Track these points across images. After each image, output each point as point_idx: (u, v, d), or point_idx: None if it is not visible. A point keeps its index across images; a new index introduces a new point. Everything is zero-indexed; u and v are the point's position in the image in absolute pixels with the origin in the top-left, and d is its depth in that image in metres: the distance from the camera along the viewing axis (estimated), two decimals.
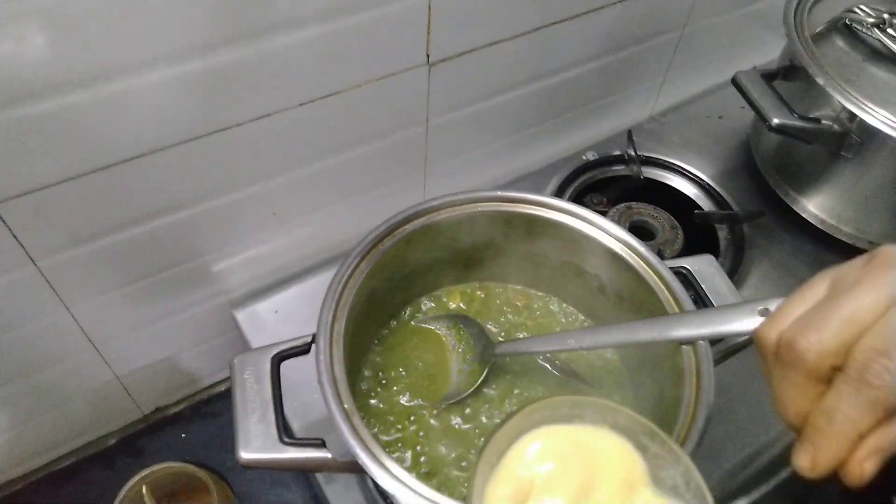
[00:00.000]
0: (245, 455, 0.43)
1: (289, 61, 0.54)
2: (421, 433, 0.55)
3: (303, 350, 0.49)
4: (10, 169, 0.47)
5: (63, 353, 0.62)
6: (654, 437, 0.34)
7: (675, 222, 0.78)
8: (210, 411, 0.78)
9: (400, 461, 0.46)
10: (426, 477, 0.52)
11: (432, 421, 0.55)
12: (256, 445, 0.44)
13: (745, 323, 0.39)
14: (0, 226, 0.50)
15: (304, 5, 0.52)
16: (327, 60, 0.56)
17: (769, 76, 0.74)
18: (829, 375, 0.30)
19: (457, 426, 0.55)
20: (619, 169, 0.86)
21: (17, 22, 0.41)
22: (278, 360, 0.48)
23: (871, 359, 0.28)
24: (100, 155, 0.51)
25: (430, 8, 0.58)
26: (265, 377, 0.47)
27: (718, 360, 0.50)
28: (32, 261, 0.54)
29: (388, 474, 0.41)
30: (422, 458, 0.53)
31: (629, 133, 0.86)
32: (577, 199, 0.82)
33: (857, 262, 0.32)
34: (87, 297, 0.59)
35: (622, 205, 0.80)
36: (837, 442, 0.30)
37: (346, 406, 0.44)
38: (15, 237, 0.51)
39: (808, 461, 0.31)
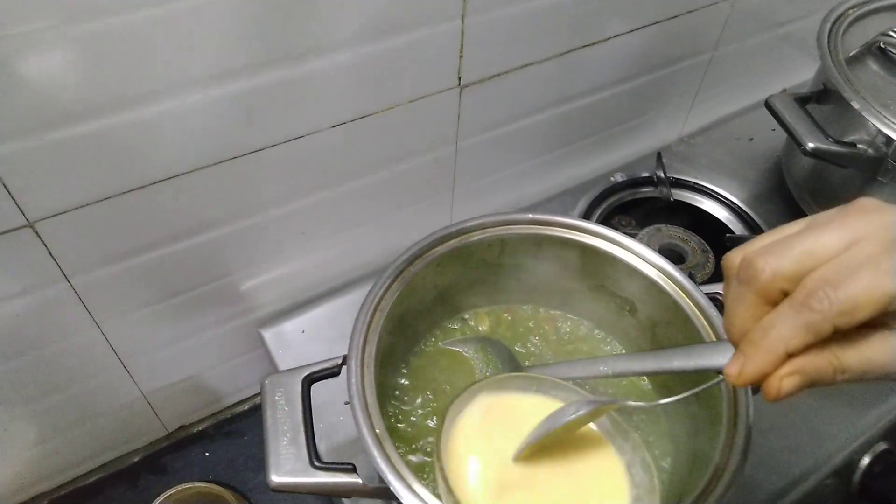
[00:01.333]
0: (276, 478, 0.43)
1: (323, 84, 0.55)
2: None
3: (333, 372, 0.49)
4: (48, 188, 0.48)
5: (92, 370, 0.63)
6: None
7: (706, 245, 0.77)
8: (233, 430, 0.78)
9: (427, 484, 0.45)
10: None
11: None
12: (287, 469, 0.43)
13: None
14: (37, 243, 0.50)
15: (339, 29, 0.52)
16: (360, 83, 0.57)
17: (802, 100, 0.73)
18: (778, 300, 0.32)
19: None
20: (648, 191, 0.85)
21: (54, 47, 0.42)
22: (309, 381, 0.48)
23: (818, 286, 0.30)
24: (135, 175, 0.51)
25: (463, 33, 0.58)
26: (296, 399, 0.46)
27: (754, 389, 0.49)
28: (66, 278, 0.54)
29: (421, 502, 0.40)
30: None
31: (658, 155, 0.85)
32: (606, 220, 0.82)
33: (836, 208, 0.33)
34: (117, 315, 0.60)
35: (651, 227, 0.79)
36: (765, 355, 0.31)
37: (377, 430, 0.44)
38: (51, 254, 0.52)
39: (736, 369, 0.33)
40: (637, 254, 0.55)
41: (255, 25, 0.48)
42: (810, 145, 0.68)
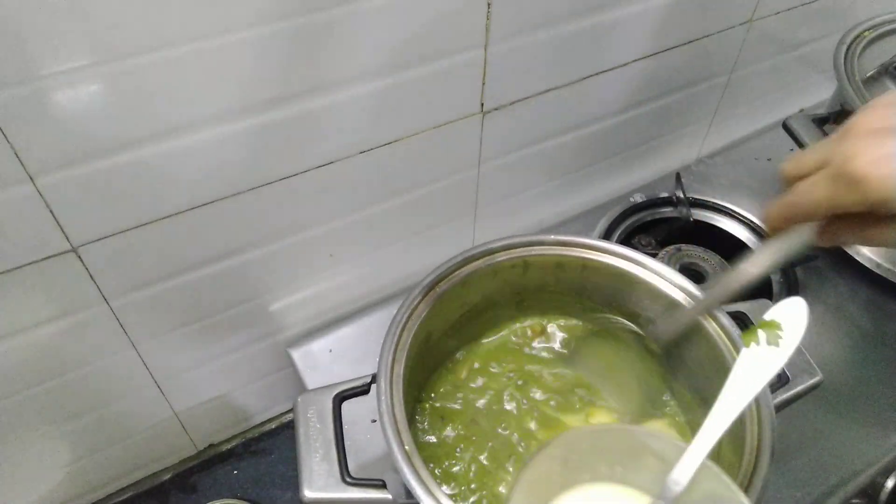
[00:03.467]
0: (309, 494, 0.44)
1: (350, 113, 0.57)
2: (472, 471, 0.55)
3: (363, 390, 0.50)
4: (90, 215, 0.50)
5: (128, 390, 0.64)
6: None
7: (726, 265, 0.78)
8: (260, 448, 0.79)
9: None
10: None
11: (483, 460, 0.56)
12: (320, 484, 0.44)
13: None
14: (79, 267, 0.53)
15: (365, 61, 0.54)
16: (386, 111, 0.59)
17: (820, 121, 0.74)
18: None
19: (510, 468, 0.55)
20: (667, 211, 0.86)
21: (93, 84, 0.44)
22: (340, 399, 0.49)
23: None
24: (170, 202, 0.54)
25: (485, 61, 0.60)
26: (328, 417, 0.48)
27: (776, 409, 0.49)
28: (106, 300, 0.56)
29: None
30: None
31: (678, 175, 0.86)
32: (626, 240, 0.83)
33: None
34: (152, 336, 0.62)
35: (672, 247, 0.80)
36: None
37: (406, 448, 0.45)
38: (92, 278, 0.54)
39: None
40: (659, 274, 0.56)
41: (285, 59, 0.50)
42: None
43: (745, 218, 0.85)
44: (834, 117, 0.76)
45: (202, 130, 0.51)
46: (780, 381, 0.52)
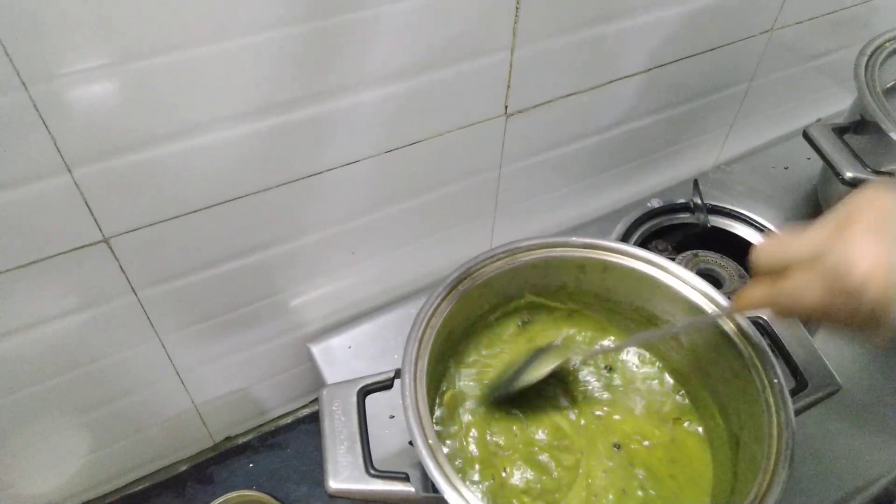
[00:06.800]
0: (334, 485, 0.45)
1: (377, 112, 0.58)
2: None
3: (386, 385, 0.51)
4: (122, 207, 0.51)
5: (150, 380, 0.65)
6: None
7: (743, 271, 0.78)
8: (276, 442, 0.80)
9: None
10: None
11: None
12: (345, 476, 0.45)
13: None
14: (110, 258, 0.53)
15: (392, 62, 0.55)
16: (411, 111, 0.60)
17: (840, 130, 0.74)
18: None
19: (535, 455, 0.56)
20: (684, 216, 0.87)
21: (117, 82, 0.45)
22: (364, 393, 0.50)
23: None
24: (199, 197, 0.55)
25: (511, 65, 0.61)
26: (352, 410, 0.48)
27: (795, 414, 0.50)
28: (134, 291, 0.57)
29: None
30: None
31: (695, 182, 0.87)
32: (643, 245, 0.83)
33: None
34: (177, 328, 0.63)
35: (689, 252, 0.80)
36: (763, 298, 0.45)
37: (430, 441, 0.45)
38: (122, 268, 0.55)
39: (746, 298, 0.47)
40: (680, 278, 0.57)
41: (308, 61, 0.51)
42: (848, 175, 0.69)
43: (762, 225, 0.85)
44: (853, 127, 0.76)
45: (225, 128, 0.51)
46: (799, 386, 0.53)
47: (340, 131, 0.57)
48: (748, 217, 0.86)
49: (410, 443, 0.46)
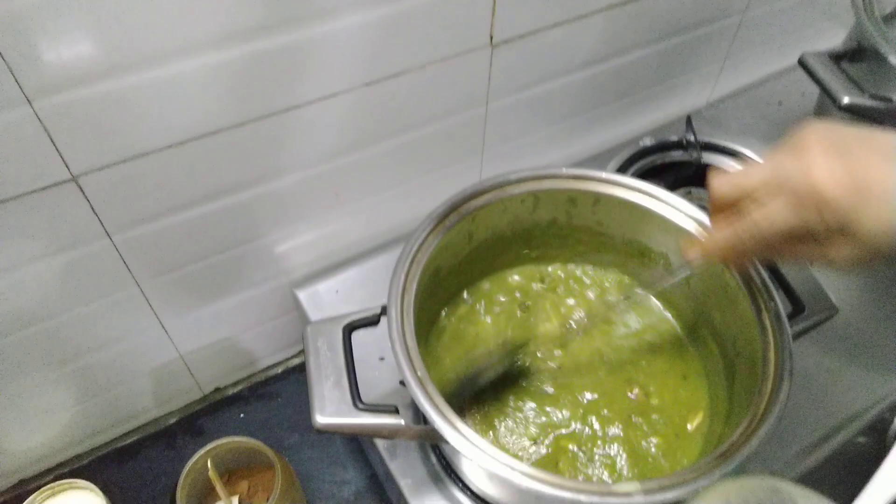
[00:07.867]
0: (321, 419, 0.44)
1: (353, 41, 0.55)
2: None
3: (372, 321, 0.50)
4: (89, 144, 0.49)
5: (132, 329, 0.64)
6: None
7: None
8: (267, 392, 0.79)
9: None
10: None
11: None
12: (332, 410, 0.44)
13: None
14: (80, 198, 0.51)
15: None
16: (392, 40, 0.57)
17: (836, 57, 0.72)
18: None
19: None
20: (677, 155, 0.85)
21: (65, 16, 0.42)
22: (349, 329, 0.48)
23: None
24: (169, 133, 0.52)
25: None
26: (338, 345, 0.47)
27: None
28: (108, 234, 0.55)
29: (464, 439, 0.41)
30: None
31: (688, 118, 0.85)
32: None
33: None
34: (156, 274, 0.61)
35: (681, 190, 0.79)
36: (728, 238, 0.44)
37: (419, 373, 0.44)
38: (93, 210, 0.53)
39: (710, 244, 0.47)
40: (672, 205, 0.55)
41: None
42: (846, 100, 0.67)
43: (756, 161, 0.84)
44: (850, 55, 0.74)
45: (193, 57, 0.48)
46: (796, 310, 0.52)
47: (316, 61, 0.54)
48: (742, 153, 0.84)
49: (401, 382, 0.45)
